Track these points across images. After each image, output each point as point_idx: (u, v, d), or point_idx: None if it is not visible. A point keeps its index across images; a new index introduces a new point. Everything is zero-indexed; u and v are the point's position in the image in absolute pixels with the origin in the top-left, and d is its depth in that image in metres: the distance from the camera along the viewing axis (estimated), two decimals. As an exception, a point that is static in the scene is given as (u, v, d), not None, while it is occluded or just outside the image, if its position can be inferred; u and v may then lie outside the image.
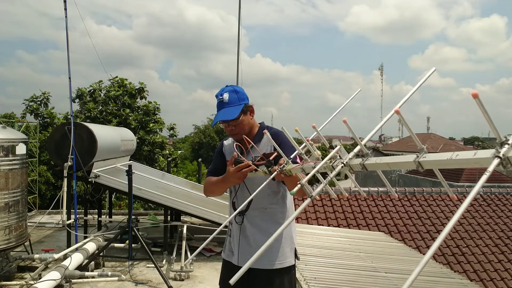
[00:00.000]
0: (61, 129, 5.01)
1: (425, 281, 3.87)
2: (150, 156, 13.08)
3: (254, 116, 2.13)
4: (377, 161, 1.06)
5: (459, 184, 12.63)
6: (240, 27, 7.98)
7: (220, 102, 2.01)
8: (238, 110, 1.98)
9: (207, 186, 2.19)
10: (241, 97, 2.02)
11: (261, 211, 2.04)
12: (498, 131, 0.74)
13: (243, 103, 2.01)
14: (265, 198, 2.02)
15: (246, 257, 2.01)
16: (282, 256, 2.03)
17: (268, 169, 1.70)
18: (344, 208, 8.47)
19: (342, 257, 4.23)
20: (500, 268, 6.81)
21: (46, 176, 11.37)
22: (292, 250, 2.08)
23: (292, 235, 2.11)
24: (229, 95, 2.00)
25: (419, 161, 0.91)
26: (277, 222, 2.04)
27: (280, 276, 2.02)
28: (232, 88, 2.05)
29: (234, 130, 2.02)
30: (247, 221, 2.06)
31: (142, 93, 13.52)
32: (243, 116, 2.02)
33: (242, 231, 2.06)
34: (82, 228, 5.60)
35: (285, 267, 2.03)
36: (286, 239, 2.06)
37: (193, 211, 5.16)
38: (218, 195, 2.20)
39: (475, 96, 0.71)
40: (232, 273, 2.15)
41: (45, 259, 4.24)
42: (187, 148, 36.50)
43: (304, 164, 1.43)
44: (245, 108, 2.02)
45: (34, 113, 12.58)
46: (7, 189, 4.14)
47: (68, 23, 5.01)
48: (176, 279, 4.37)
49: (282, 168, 1.56)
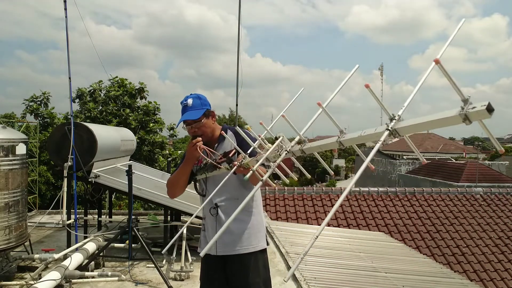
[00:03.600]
0: (61, 129, 5.00)
1: (425, 281, 3.87)
2: (150, 156, 13.08)
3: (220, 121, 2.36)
4: (311, 145, 1.36)
5: (459, 184, 12.63)
6: (240, 27, 7.97)
7: (185, 106, 2.22)
8: (200, 113, 2.19)
9: (170, 182, 2.42)
10: (203, 103, 2.25)
11: (234, 201, 2.22)
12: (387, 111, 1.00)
13: (205, 108, 2.23)
14: (236, 189, 2.22)
15: (223, 246, 2.24)
16: (255, 240, 2.24)
17: (229, 165, 1.94)
18: (344, 208, 8.48)
19: (342, 257, 4.23)
20: (500, 268, 6.81)
21: (46, 176, 11.37)
22: (263, 235, 2.31)
23: (262, 221, 2.34)
24: (192, 100, 2.22)
25: (340, 141, 1.20)
26: (248, 210, 2.26)
27: (254, 258, 2.23)
28: (196, 95, 2.27)
29: (196, 132, 2.22)
30: (222, 212, 2.24)
31: (142, 93, 13.52)
32: (205, 119, 2.22)
33: (218, 221, 2.24)
34: (82, 228, 5.60)
35: (258, 250, 2.24)
36: (258, 225, 2.28)
37: (193, 211, 5.16)
38: (182, 187, 2.38)
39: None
40: (211, 264, 2.28)
41: (45, 259, 4.24)
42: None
43: (258, 156, 1.66)
44: (207, 112, 2.24)
45: (34, 113, 12.58)
46: (7, 189, 4.14)
47: (68, 23, 5.01)
48: (176, 279, 4.37)
49: (241, 163, 1.78)
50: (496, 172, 16.91)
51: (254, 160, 1.70)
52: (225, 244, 2.22)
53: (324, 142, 1.31)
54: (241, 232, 2.22)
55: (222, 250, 2.23)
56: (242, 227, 2.22)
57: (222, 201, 2.25)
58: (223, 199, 2.25)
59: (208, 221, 2.32)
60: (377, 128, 1.06)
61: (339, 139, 1.19)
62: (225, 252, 2.23)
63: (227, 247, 2.22)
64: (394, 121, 0.97)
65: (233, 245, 2.22)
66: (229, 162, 1.95)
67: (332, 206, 8.53)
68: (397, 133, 0.98)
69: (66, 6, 4.97)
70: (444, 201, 9.01)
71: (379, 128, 1.04)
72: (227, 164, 1.96)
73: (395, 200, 8.93)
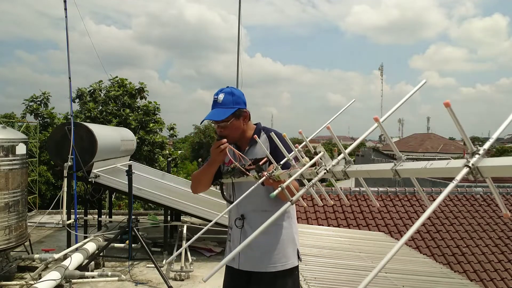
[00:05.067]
0: (61, 129, 5.01)
1: (425, 281, 3.87)
2: (150, 156, 13.08)
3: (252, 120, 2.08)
4: (358, 168, 1.11)
5: (459, 184, 12.62)
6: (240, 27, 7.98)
7: (215, 101, 1.97)
8: (228, 113, 1.93)
9: (194, 177, 2.17)
10: (236, 101, 1.97)
11: (262, 213, 1.99)
12: (470, 142, 0.76)
13: (236, 107, 1.96)
14: (265, 200, 1.98)
15: (248, 261, 2.01)
16: (284, 258, 1.99)
17: (258, 174, 1.71)
18: (344, 208, 8.47)
19: (342, 257, 4.24)
20: (500, 268, 6.81)
21: (46, 176, 11.37)
22: (294, 251, 2.05)
23: (294, 236, 2.07)
24: (224, 96, 1.96)
25: (396, 169, 0.94)
26: (278, 224, 2.00)
27: (283, 278, 1.99)
28: (230, 90, 2.00)
29: (222, 132, 1.98)
30: (248, 224, 2.02)
31: (142, 93, 13.51)
32: (235, 120, 1.96)
33: (243, 234, 2.01)
34: (82, 228, 5.60)
35: (287, 268, 1.99)
36: (288, 240, 2.02)
37: (193, 211, 5.16)
38: (205, 185, 2.16)
39: (447, 105, 0.74)
40: (232, 277, 2.12)
41: (45, 259, 4.24)
42: (187, 148, 36.50)
43: (292, 170, 1.45)
44: (238, 112, 1.97)
45: (34, 113, 12.58)
46: (7, 189, 4.14)
47: (68, 23, 5.01)
48: (176, 279, 4.37)
49: (271, 174, 1.58)
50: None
51: (286, 173, 1.50)
52: (250, 259, 2.00)
53: (374, 168, 1.07)
54: (269, 247, 1.98)
55: (247, 265, 2.02)
56: (271, 242, 1.99)
57: (249, 212, 2.02)
58: (250, 210, 2.02)
59: (233, 232, 2.08)
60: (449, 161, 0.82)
61: (394, 168, 0.94)
62: (250, 268, 2.01)
63: (252, 263, 2.00)
64: (477, 156, 0.74)
65: (260, 261, 1.98)
66: (259, 171, 1.73)
67: (332, 206, 8.53)
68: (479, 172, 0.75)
69: (66, 6, 4.97)
70: (444, 201, 9.01)
71: (453, 162, 0.81)
72: (256, 172, 1.74)
73: (395, 200, 8.93)
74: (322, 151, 1.24)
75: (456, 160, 0.80)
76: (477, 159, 0.74)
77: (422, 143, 35.99)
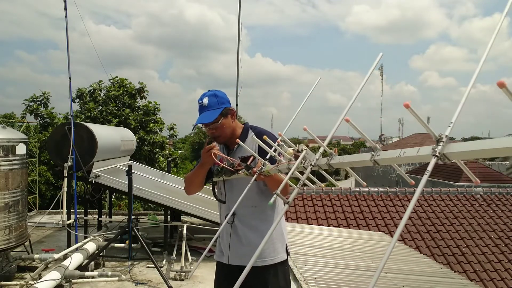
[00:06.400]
0: (61, 129, 5.01)
1: (425, 281, 3.87)
2: (150, 156, 13.08)
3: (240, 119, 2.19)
4: (340, 160, 1.20)
5: (459, 184, 12.62)
6: (240, 27, 7.96)
7: (200, 106, 2.05)
8: (216, 114, 2.02)
9: (186, 179, 2.27)
10: (220, 101, 2.06)
11: (251, 210, 2.08)
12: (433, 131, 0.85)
13: (222, 107, 2.05)
14: (254, 196, 2.06)
15: (237, 256, 2.09)
16: (274, 252, 2.08)
17: (248, 171, 1.79)
18: (344, 208, 8.48)
19: (342, 257, 4.24)
20: (500, 268, 6.81)
21: (46, 176, 11.37)
22: (283, 245, 2.13)
23: (282, 231, 2.16)
24: (208, 99, 2.04)
25: (374, 159, 1.03)
26: (267, 219, 2.09)
27: (273, 271, 2.07)
28: (212, 93, 2.08)
29: (215, 133, 2.06)
30: (238, 220, 2.10)
31: (142, 93, 13.51)
32: (223, 119, 2.05)
33: (233, 230, 2.10)
34: (82, 228, 5.60)
35: (277, 262, 2.08)
36: (277, 236, 2.11)
37: (193, 211, 5.16)
38: (198, 186, 2.23)
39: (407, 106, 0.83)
40: (222, 272, 2.18)
41: (45, 259, 4.24)
42: (187, 148, 36.54)
43: (279, 165, 1.54)
44: (225, 111, 2.05)
45: (34, 113, 12.59)
46: (7, 189, 4.14)
47: (68, 23, 5.01)
48: (176, 279, 4.37)
49: (260, 170, 1.65)
50: (496, 172, 16.91)
51: (275, 168, 1.56)
52: (240, 254, 2.07)
53: (355, 159, 1.15)
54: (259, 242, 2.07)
55: (237, 260, 2.08)
56: (260, 238, 2.01)
57: (239, 208, 2.03)
58: (240, 206, 2.02)
59: (223, 228, 2.12)
60: (419, 149, 0.90)
61: (373, 158, 1.03)
62: (240, 262, 2.06)
63: (242, 258, 2.05)
64: (442, 143, 0.82)
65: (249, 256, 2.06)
66: (248, 169, 1.80)
67: (332, 206, 8.54)
68: (446, 158, 0.82)
69: (66, 6, 4.97)
70: (444, 201, 9.00)
71: (423, 149, 0.89)
72: (246, 170, 1.81)
73: (395, 200, 8.93)
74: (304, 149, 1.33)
75: (425, 147, 0.88)
76: (442, 146, 0.81)
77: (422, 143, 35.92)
